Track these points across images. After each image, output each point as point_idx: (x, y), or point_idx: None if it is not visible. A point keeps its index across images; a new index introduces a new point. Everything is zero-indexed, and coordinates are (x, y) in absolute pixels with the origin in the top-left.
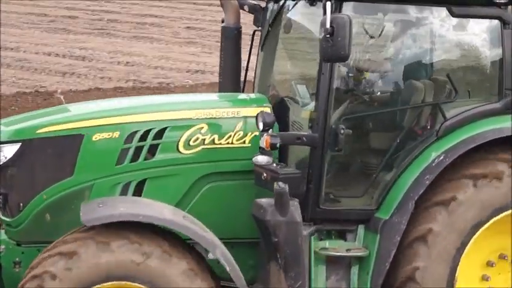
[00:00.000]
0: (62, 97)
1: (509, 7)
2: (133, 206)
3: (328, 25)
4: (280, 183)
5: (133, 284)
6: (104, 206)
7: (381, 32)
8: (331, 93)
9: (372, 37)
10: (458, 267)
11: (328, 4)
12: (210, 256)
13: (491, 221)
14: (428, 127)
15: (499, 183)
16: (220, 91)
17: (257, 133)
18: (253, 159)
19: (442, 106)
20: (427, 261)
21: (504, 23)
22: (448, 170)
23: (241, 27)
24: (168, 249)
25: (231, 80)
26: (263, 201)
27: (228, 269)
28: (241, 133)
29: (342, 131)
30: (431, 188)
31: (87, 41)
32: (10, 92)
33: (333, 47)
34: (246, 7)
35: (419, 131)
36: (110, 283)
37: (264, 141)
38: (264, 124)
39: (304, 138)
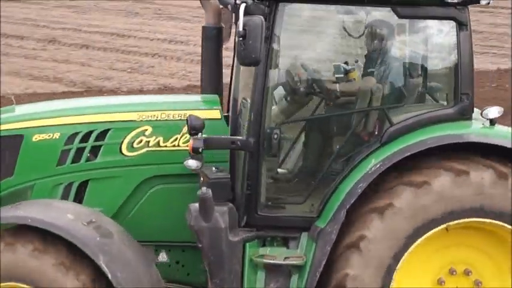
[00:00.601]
0: (12, 97)
1: None
2: (39, 209)
3: (240, 28)
4: (204, 189)
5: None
6: (15, 208)
7: (363, 33)
8: (266, 97)
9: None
10: (396, 272)
11: (242, 6)
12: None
13: (435, 230)
14: (376, 133)
15: (439, 192)
16: (201, 93)
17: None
18: (184, 162)
19: (388, 111)
20: (359, 268)
21: (460, 24)
22: (390, 176)
23: (222, 27)
24: (41, 248)
25: (210, 82)
26: (193, 205)
27: (109, 276)
28: (188, 136)
29: (276, 136)
30: (370, 195)
31: None
32: (181, 85)
33: (245, 51)
34: (229, 6)
35: (365, 137)
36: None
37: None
38: (190, 128)
39: (238, 143)
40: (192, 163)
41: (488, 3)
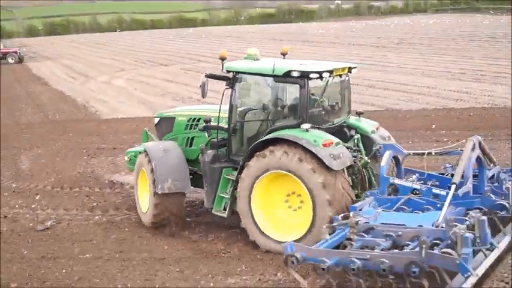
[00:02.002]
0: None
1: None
2: (162, 143)
3: (200, 83)
4: (201, 144)
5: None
6: (151, 143)
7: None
8: (232, 108)
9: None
10: (252, 197)
11: (203, 75)
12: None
13: (266, 175)
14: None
15: (264, 160)
16: None
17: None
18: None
19: (272, 122)
20: (240, 191)
21: (300, 86)
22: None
23: None
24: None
25: None
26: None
27: (153, 168)
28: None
29: (232, 126)
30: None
31: None
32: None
33: (202, 93)
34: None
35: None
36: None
37: None
38: (204, 121)
39: (224, 128)
40: (206, 134)
41: (320, 77)
